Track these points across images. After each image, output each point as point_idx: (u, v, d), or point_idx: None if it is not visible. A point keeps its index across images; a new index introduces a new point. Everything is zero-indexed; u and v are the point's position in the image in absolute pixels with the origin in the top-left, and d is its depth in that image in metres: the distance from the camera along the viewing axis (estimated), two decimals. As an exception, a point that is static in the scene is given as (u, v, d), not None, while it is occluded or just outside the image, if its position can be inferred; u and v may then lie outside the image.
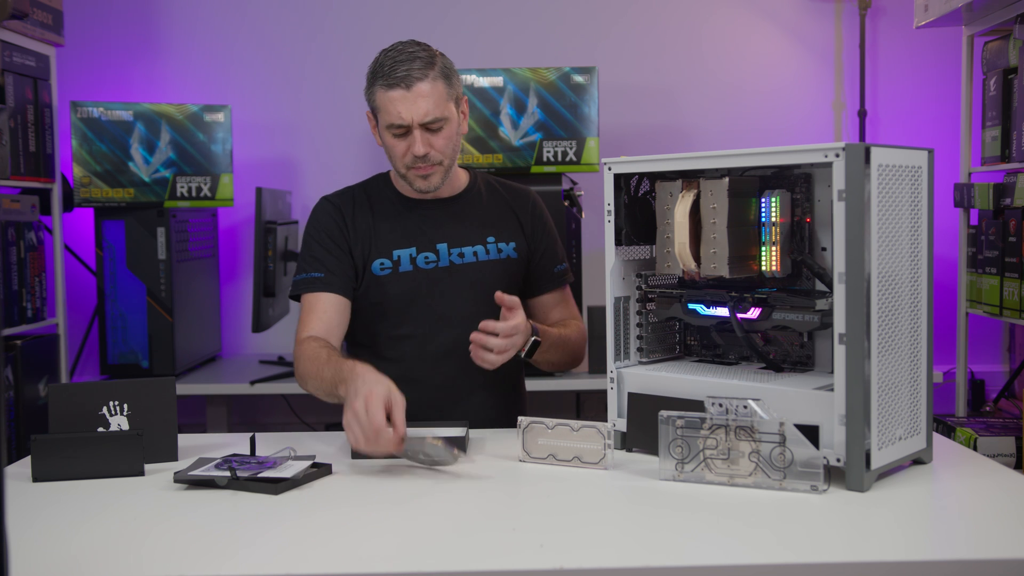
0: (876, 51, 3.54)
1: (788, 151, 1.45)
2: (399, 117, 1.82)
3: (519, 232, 2.00)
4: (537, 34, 3.55)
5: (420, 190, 1.91)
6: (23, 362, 2.71)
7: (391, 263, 1.91)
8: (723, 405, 1.44)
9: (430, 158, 1.85)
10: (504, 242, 1.98)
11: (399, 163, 1.88)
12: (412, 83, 1.81)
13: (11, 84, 2.70)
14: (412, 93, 1.81)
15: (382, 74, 1.84)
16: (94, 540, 1.28)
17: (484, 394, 1.95)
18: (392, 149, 1.88)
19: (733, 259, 1.58)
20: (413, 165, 1.86)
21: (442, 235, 1.94)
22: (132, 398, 1.65)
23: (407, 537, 1.26)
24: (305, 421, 3.44)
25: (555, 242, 2.05)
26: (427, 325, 1.92)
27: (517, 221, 2.01)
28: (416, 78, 1.81)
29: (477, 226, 1.97)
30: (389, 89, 1.83)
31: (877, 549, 1.20)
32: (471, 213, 1.98)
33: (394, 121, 1.83)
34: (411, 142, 1.84)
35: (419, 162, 1.86)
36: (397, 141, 1.86)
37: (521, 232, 2.00)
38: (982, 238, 2.92)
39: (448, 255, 1.93)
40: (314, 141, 3.56)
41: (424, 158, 1.85)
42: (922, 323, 1.51)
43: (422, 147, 1.83)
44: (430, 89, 1.82)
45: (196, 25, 3.54)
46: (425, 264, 1.92)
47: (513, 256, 1.98)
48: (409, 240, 1.93)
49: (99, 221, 3.04)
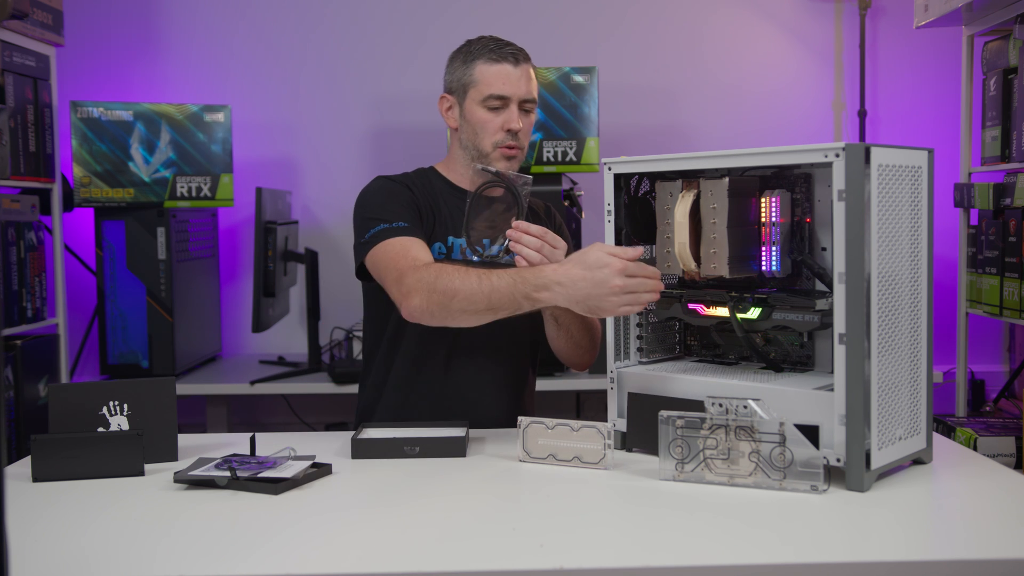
0: (876, 51, 3.54)
1: (788, 151, 1.45)
2: (503, 88, 1.90)
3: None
4: (537, 34, 3.54)
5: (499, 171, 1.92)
6: (23, 362, 2.71)
7: (446, 248, 1.92)
8: (723, 405, 1.44)
9: (518, 138, 1.91)
10: None
11: (489, 139, 1.91)
12: (520, 61, 1.92)
13: (11, 84, 2.70)
14: (518, 70, 1.91)
15: (487, 51, 1.92)
16: (94, 540, 1.28)
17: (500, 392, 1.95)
18: (485, 124, 1.91)
19: (733, 259, 1.58)
20: (503, 143, 1.90)
21: None
22: (132, 398, 1.65)
23: (407, 537, 1.26)
24: (305, 421, 3.44)
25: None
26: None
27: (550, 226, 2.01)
28: (523, 58, 1.93)
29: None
30: (495, 63, 1.91)
31: (877, 549, 1.20)
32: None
33: (497, 91, 1.90)
34: (508, 116, 1.90)
35: (510, 139, 1.90)
36: (492, 116, 1.91)
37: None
38: (982, 238, 2.92)
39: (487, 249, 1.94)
40: (314, 141, 3.56)
41: (514, 136, 1.90)
42: (922, 323, 1.51)
43: (517, 122, 1.89)
44: (532, 72, 1.94)
45: (196, 25, 3.54)
46: (472, 255, 1.93)
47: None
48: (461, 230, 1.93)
49: (99, 221, 3.04)
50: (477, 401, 1.93)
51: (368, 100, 3.54)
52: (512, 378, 1.97)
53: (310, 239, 3.47)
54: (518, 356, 1.99)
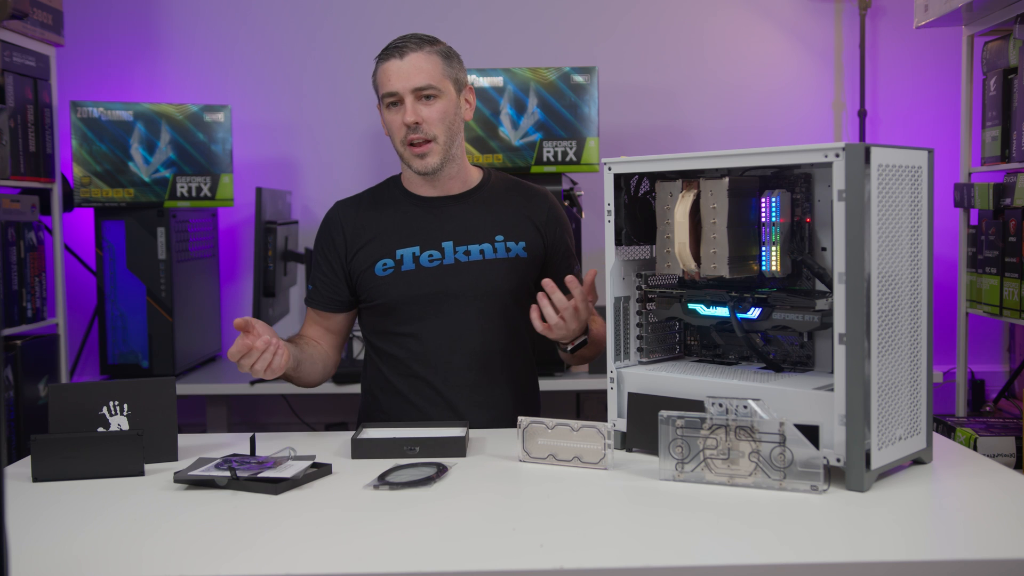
0: (876, 51, 3.54)
1: (788, 151, 1.45)
2: (390, 85, 1.87)
3: (533, 232, 1.98)
4: (537, 34, 3.55)
5: (418, 171, 1.91)
6: (23, 362, 2.71)
7: (393, 263, 1.92)
8: (723, 405, 1.44)
9: (422, 130, 1.87)
10: (513, 241, 1.96)
11: (396, 140, 1.91)
12: (405, 53, 1.87)
13: (11, 84, 2.70)
14: (404, 62, 1.87)
15: (382, 52, 1.90)
16: (94, 540, 1.28)
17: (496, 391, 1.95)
18: (391, 125, 1.91)
19: (733, 259, 1.58)
20: (407, 140, 1.88)
21: (448, 233, 1.94)
22: (132, 398, 1.65)
23: (407, 537, 1.26)
24: (305, 421, 3.44)
25: (572, 243, 2.06)
26: (430, 323, 1.92)
27: (531, 221, 1.99)
28: (411, 49, 1.87)
29: (486, 224, 1.96)
30: (384, 62, 1.89)
31: (877, 549, 1.20)
32: (481, 210, 1.97)
33: (387, 89, 1.88)
34: (403, 111, 1.87)
35: (411, 134, 1.87)
36: (393, 116, 1.89)
37: (536, 232, 1.99)
38: (982, 238, 2.92)
39: (454, 253, 1.92)
40: (314, 141, 3.56)
41: (415, 129, 1.86)
42: (922, 323, 1.51)
43: (411, 115, 1.85)
44: (423, 60, 1.87)
45: (196, 25, 3.54)
46: (429, 262, 1.91)
47: (523, 256, 1.96)
48: (413, 239, 1.93)
49: (99, 221, 3.04)
50: (478, 402, 1.93)
51: (368, 100, 3.51)
52: (513, 377, 1.97)
53: (310, 239, 3.46)
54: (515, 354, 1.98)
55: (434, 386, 1.92)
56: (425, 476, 1.49)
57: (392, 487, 1.46)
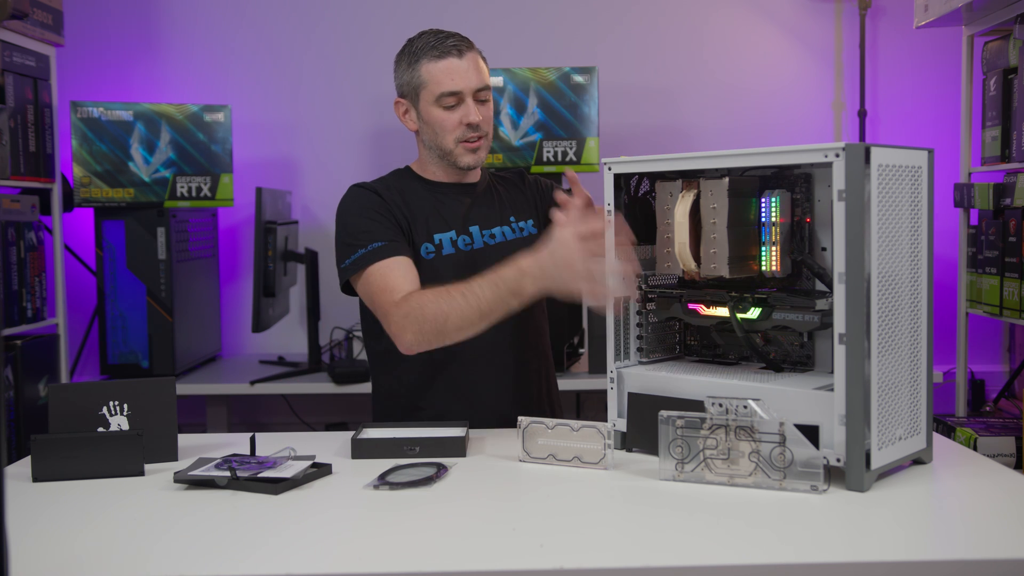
0: (876, 51, 3.54)
1: (788, 151, 1.45)
2: (453, 84, 1.85)
3: (531, 208, 2.04)
4: (537, 34, 3.55)
5: (467, 165, 1.92)
6: (23, 362, 2.71)
7: (434, 247, 1.91)
8: (723, 405, 1.44)
9: (480, 129, 1.89)
10: (523, 220, 2.01)
11: (449, 137, 1.89)
12: (464, 52, 1.87)
13: (11, 84, 2.70)
14: (464, 61, 1.87)
15: (429, 47, 1.87)
16: (94, 540, 1.28)
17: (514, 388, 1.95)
18: (443, 123, 1.88)
19: (733, 259, 1.58)
20: (464, 138, 1.89)
21: (472, 218, 1.96)
22: (132, 398, 1.65)
23: (407, 537, 1.26)
24: (305, 421, 3.44)
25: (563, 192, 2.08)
26: None
27: (524, 197, 2.05)
28: (467, 47, 1.88)
29: (498, 208, 2.00)
30: (440, 59, 1.86)
31: (877, 549, 1.20)
32: (492, 197, 2.01)
33: (448, 89, 1.85)
34: (465, 111, 1.87)
35: (471, 132, 1.88)
36: (448, 113, 1.87)
37: (533, 209, 2.04)
38: (982, 238, 2.92)
39: (481, 237, 1.95)
40: (314, 141, 3.56)
41: (476, 128, 1.88)
42: (922, 323, 1.51)
43: (476, 115, 1.86)
44: (479, 60, 1.90)
45: (196, 25, 3.54)
46: (464, 247, 1.93)
47: (533, 232, 2.01)
48: (447, 224, 1.93)
49: (99, 221, 3.04)
50: (492, 401, 1.92)
51: (368, 100, 3.54)
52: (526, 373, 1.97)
53: (310, 239, 3.47)
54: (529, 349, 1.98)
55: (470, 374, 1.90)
56: (425, 476, 1.49)
57: (392, 487, 1.46)
